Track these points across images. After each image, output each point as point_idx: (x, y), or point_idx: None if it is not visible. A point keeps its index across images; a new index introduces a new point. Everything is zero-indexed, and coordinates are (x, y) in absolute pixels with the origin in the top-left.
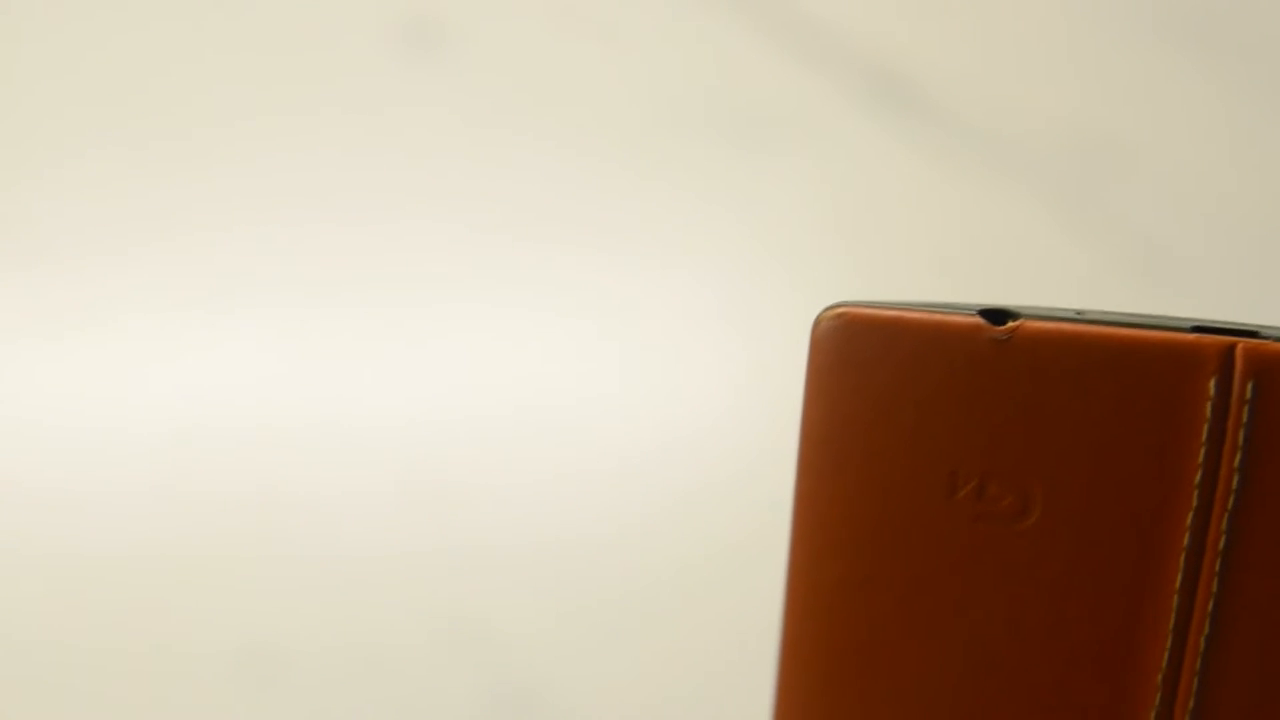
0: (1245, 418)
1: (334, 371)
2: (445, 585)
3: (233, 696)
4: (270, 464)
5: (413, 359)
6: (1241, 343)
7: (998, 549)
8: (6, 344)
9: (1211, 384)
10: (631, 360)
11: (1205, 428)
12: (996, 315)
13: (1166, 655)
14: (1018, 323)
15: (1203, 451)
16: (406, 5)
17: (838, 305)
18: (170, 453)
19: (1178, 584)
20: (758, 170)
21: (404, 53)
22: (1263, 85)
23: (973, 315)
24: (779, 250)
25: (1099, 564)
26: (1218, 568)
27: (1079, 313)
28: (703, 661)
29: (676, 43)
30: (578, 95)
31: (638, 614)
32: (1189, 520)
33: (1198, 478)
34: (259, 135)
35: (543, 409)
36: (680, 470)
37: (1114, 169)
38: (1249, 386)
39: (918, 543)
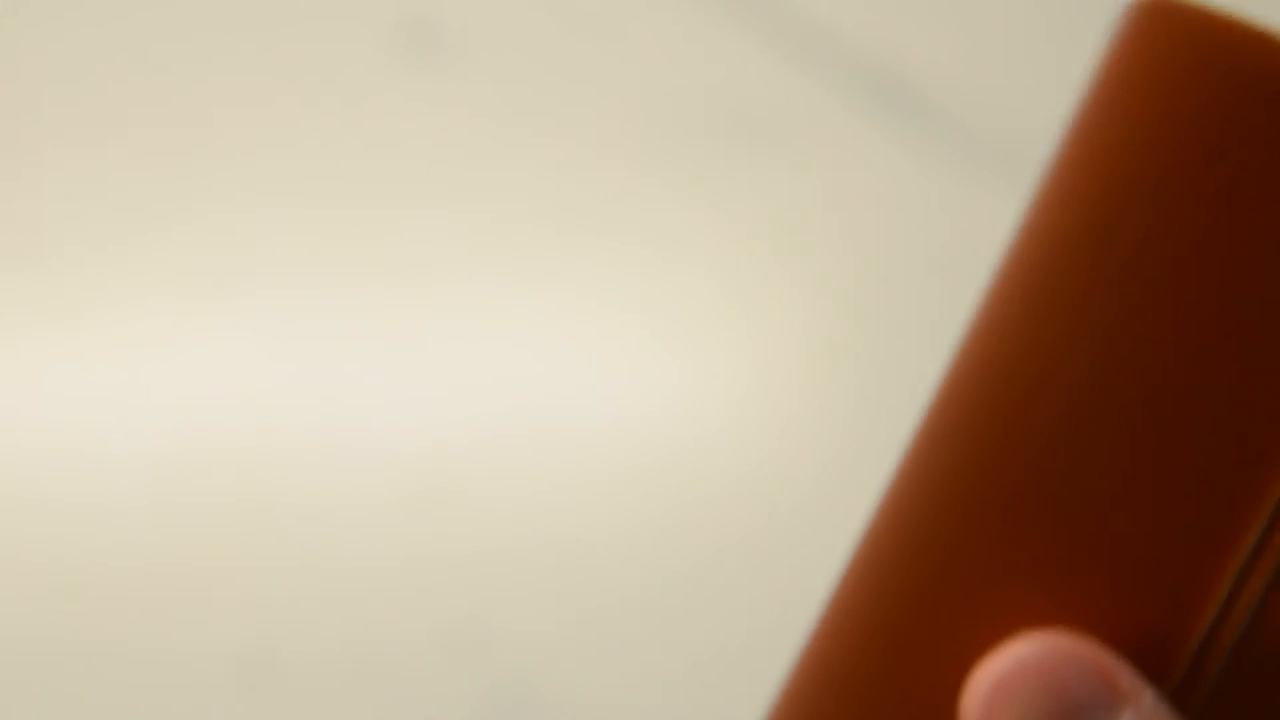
0: None
1: (333, 375)
2: (446, 591)
3: (232, 702)
4: (270, 467)
5: (413, 361)
6: None
7: (1238, 228)
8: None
9: None
10: (632, 361)
11: None
12: None
13: None
14: None
15: None
16: (407, 4)
17: None
18: (168, 457)
19: None
20: (758, 171)
21: (405, 51)
22: None
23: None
24: (780, 250)
25: None
26: None
27: None
28: (704, 666)
29: (677, 44)
30: (578, 95)
31: (640, 619)
32: None
33: None
34: (259, 135)
35: (541, 411)
36: (682, 473)
37: None
38: None
39: (1166, 203)
